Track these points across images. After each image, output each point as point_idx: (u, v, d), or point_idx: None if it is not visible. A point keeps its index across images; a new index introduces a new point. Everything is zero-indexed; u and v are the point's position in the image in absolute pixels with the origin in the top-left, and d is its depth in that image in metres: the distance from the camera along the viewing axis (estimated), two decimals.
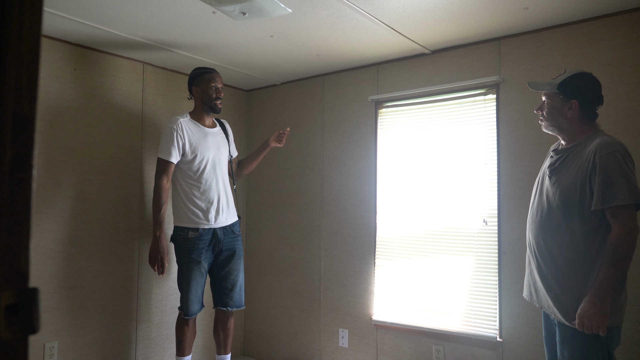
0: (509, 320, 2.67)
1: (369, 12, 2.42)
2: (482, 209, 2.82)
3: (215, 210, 2.81)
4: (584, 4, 2.35)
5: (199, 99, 2.85)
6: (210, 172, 2.81)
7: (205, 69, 2.86)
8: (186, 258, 2.78)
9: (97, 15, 2.46)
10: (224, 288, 2.91)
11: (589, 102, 1.89)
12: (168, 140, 2.72)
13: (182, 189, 2.80)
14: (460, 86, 2.90)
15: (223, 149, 2.93)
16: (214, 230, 2.82)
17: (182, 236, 2.78)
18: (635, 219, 1.71)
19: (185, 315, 2.80)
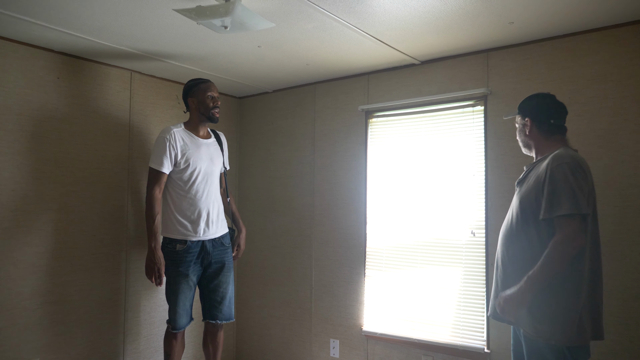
0: (496, 332, 2.67)
1: (355, 24, 2.41)
2: (470, 220, 2.82)
3: (205, 222, 2.76)
4: (569, 19, 2.35)
5: (195, 110, 2.81)
6: (202, 183, 2.77)
7: (200, 80, 2.83)
8: (174, 271, 2.73)
9: (79, 25, 2.43)
10: (213, 301, 2.87)
11: (541, 117, 2.01)
12: (160, 150, 2.69)
13: (172, 199, 2.76)
14: (449, 97, 2.90)
15: (216, 161, 2.88)
16: (203, 243, 2.78)
17: (169, 249, 2.74)
18: (577, 228, 1.76)
19: (173, 329, 2.76)
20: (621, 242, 2.35)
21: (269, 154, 3.81)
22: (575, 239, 1.75)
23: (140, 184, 3.22)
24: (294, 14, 2.27)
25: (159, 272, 2.67)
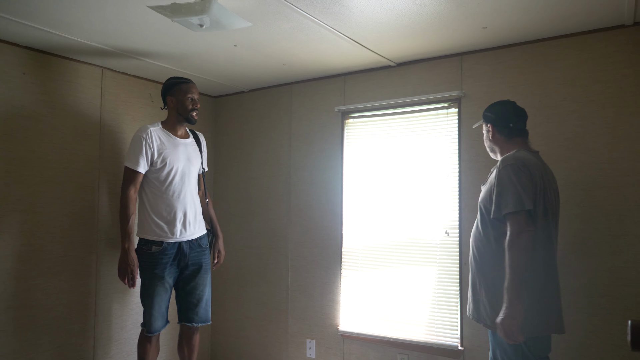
0: (470, 330, 2.73)
1: (332, 26, 2.42)
2: (444, 220, 2.87)
3: (182, 223, 2.71)
4: (539, 25, 2.43)
5: (173, 109, 2.76)
6: (179, 183, 2.72)
7: (181, 79, 2.78)
8: (149, 273, 2.67)
9: (48, 20, 2.34)
10: (189, 303, 2.82)
11: (501, 121, 2.13)
12: (136, 149, 2.63)
13: (148, 199, 2.71)
14: (424, 99, 2.95)
15: (194, 161, 2.83)
16: (180, 244, 2.72)
17: (145, 250, 2.68)
18: (524, 223, 1.87)
19: (148, 332, 2.69)
20: (588, 241, 2.44)
21: (245, 154, 3.78)
22: (523, 232, 1.86)
23: (112, 184, 3.14)
24: (271, 13, 2.26)
25: (132, 273, 2.62)
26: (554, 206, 2.03)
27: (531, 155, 2.05)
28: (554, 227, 2.02)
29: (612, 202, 2.39)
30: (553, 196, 2.03)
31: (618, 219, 2.37)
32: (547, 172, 2.05)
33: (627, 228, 2.35)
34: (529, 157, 2.01)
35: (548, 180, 2.01)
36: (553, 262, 1.98)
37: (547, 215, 1.96)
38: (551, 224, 1.99)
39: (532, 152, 2.09)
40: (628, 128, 2.38)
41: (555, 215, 2.04)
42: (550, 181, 2.04)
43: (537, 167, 1.98)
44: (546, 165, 2.11)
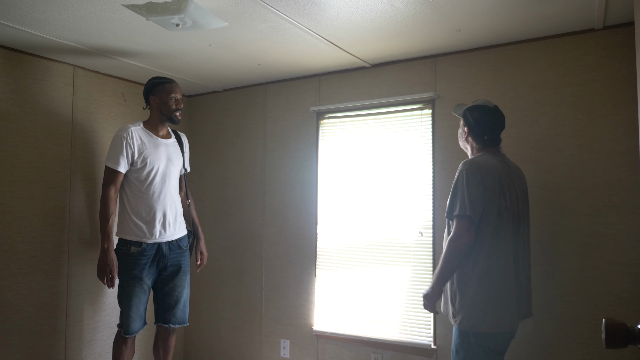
0: (443, 328, 2.77)
1: (308, 26, 2.42)
2: (418, 220, 2.90)
3: (161, 224, 2.69)
4: (512, 29, 2.47)
5: (156, 109, 2.73)
6: (159, 184, 2.69)
7: (164, 79, 2.76)
8: (127, 274, 2.64)
9: (18, 17, 2.29)
10: (166, 304, 2.79)
11: (477, 130, 2.15)
12: (117, 148, 2.61)
13: (128, 199, 2.68)
14: (399, 100, 2.97)
15: (175, 161, 2.80)
16: (159, 245, 2.69)
17: (123, 251, 2.64)
18: (465, 228, 1.95)
19: (125, 334, 2.65)
20: (558, 240, 2.49)
21: (219, 153, 3.76)
22: (462, 237, 1.94)
23: (84, 183, 3.10)
24: (247, 13, 2.25)
25: (111, 273, 2.58)
26: (517, 207, 2.06)
27: (494, 158, 2.08)
28: (514, 229, 2.04)
29: (582, 203, 2.45)
30: (516, 198, 2.06)
31: (588, 219, 2.43)
32: (511, 175, 2.08)
33: (597, 228, 2.41)
34: (489, 161, 2.04)
35: (511, 182, 2.06)
36: (507, 263, 1.99)
37: (502, 217, 1.98)
38: (509, 226, 2.01)
39: (497, 155, 2.12)
40: (597, 130, 2.44)
41: (518, 216, 2.07)
42: (515, 183, 2.08)
43: (495, 171, 2.01)
44: (513, 168, 2.14)
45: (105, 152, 3.24)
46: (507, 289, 1.99)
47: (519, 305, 2.04)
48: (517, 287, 2.03)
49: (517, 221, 2.06)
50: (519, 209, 2.08)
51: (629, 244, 2.34)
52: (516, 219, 2.06)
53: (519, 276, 2.04)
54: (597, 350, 2.37)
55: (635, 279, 2.31)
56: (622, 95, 2.39)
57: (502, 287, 1.98)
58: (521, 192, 2.12)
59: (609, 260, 2.38)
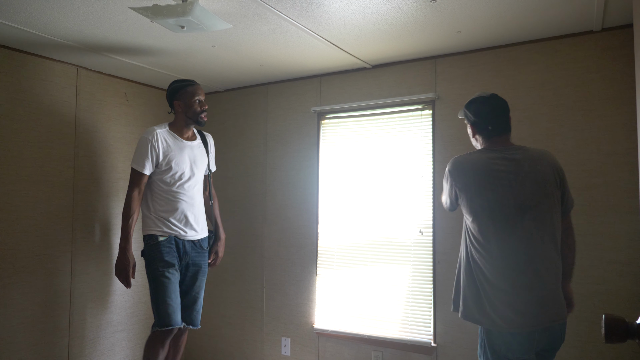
0: (443, 326, 2.80)
1: (310, 28, 2.45)
2: (418, 220, 2.93)
3: (184, 224, 2.69)
4: (511, 30, 2.50)
5: (181, 113, 2.73)
6: (183, 186, 2.69)
7: (186, 82, 2.75)
8: (159, 262, 2.60)
9: (24, 18, 2.32)
10: (182, 304, 2.73)
11: (481, 124, 2.04)
12: (142, 151, 2.62)
13: (153, 199, 2.68)
14: (399, 101, 3.00)
15: (200, 163, 2.79)
16: (183, 242, 2.70)
17: (151, 244, 2.63)
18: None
19: (167, 326, 2.54)
20: None
21: (221, 153, 3.77)
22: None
23: (88, 182, 3.12)
24: (251, 15, 2.28)
25: (128, 273, 2.57)
26: (520, 201, 1.88)
27: (488, 153, 1.97)
28: (517, 224, 1.87)
29: (580, 203, 2.46)
30: (520, 192, 1.89)
31: (586, 218, 2.46)
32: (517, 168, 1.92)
33: (595, 227, 2.45)
34: (474, 159, 1.97)
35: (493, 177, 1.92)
36: (508, 259, 1.86)
37: (491, 212, 1.88)
38: (506, 221, 1.87)
39: (499, 149, 1.98)
40: (596, 130, 2.47)
41: (524, 210, 1.88)
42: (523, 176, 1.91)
43: (476, 168, 1.94)
44: (527, 159, 1.95)
45: (108, 151, 3.27)
46: (509, 288, 1.84)
47: (529, 305, 1.82)
48: (526, 285, 1.84)
49: (521, 215, 1.87)
50: (525, 202, 1.88)
51: (627, 243, 2.37)
52: (520, 213, 1.87)
53: (529, 274, 1.84)
54: (595, 348, 2.40)
55: (633, 278, 2.35)
56: (620, 96, 2.42)
57: (505, 285, 1.84)
58: (538, 183, 1.91)
59: (607, 259, 2.41)
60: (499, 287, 1.86)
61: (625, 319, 1.00)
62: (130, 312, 3.39)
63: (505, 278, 1.85)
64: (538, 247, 1.86)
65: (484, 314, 1.89)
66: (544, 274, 1.85)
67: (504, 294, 1.85)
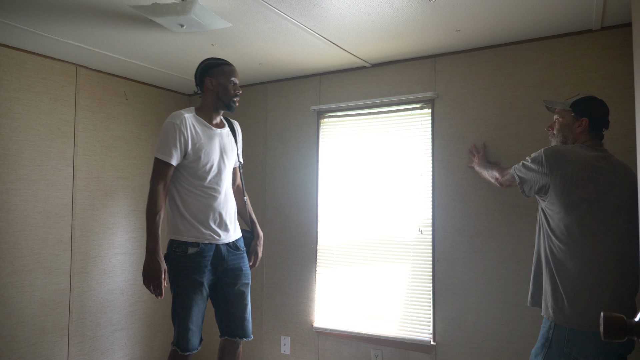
0: (442, 325, 2.80)
1: (310, 27, 2.45)
2: (418, 218, 2.94)
3: (218, 224, 2.32)
4: (510, 29, 2.50)
5: (212, 93, 2.35)
6: (214, 179, 2.33)
7: (223, 60, 2.39)
8: (186, 279, 2.25)
9: (23, 18, 2.32)
10: (232, 314, 2.40)
11: (598, 121, 2.01)
12: (169, 138, 2.21)
13: (180, 196, 2.30)
14: (398, 100, 3.00)
15: (230, 154, 2.43)
16: (217, 247, 2.32)
17: (179, 253, 2.25)
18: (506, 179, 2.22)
19: (184, 351, 2.24)
20: None
21: None
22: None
23: (87, 181, 3.12)
24: (250, 14, 2.28)
25: (159, 280, 2.17)
26: (610, 201, 1.89)
27: (589, 150, 1.95)
28: (610, 221, 1.87)
29: None
30: (610, 191, 1.90)
31: None
32: (612, 169, 1.94)
33: None
34: (577, 150, 1.95)
35: (596, 172, 1.90)
36: (593, 255, 1.85)
37: (590, 208, 1.86)
38: (583, 213, 1.87)
39: (593, 149, 1.98)
40: None
41: (611, 212, 1.89)
42: (615, 179, 1.93)
43: (582, 159, 1.91)
44: (616, 164, 1.98)
45: (108, 150, 3.27)
46: (587, 282, 1.83)
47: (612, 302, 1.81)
48: (611, 284, 1.83)
49: (617, 214, 1.87)
50: (620, 202, 1.88)
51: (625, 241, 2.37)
52: (617, 211, 1.87)
53: (616, 274, 1.84)
54: None
55: None
56: (619, 95, 2.43)
57: (583, 277, 1.83)
58: (630, 189, 1.91)
59: None
60: (584, 284, 1.83)
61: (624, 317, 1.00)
62: (130, 310, 3.39)
63: (593, 275, 1.83)
64: (627, 249, 1.86)
65: (561, 311, 1.85)
66: (630, 276, 1.87)
67: (588, 291, 1.82)
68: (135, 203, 3.45)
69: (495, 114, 2.72)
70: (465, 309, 2.74)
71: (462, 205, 2.78)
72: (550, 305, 1.89)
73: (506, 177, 2.21)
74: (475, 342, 2.71)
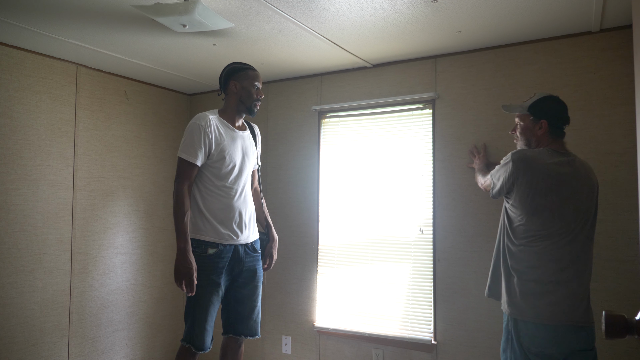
0: (443, 324, 2.82)
1: (312, 27, 2.46)
2: (419, 218, 2.95)
3: (237, 225, 2.36)
4: (511, 30, 2.52)
5: (235, 96, 2.41)
6: (235, 180, 2.37)
7: (247, 65, 2.46)
8: (204, 280, 2.27)
9: (23, 16, 2.31)
10: (239, 314, 2.44)
11: (557, 121, 2.04)
12: (194, 138, 2.27)
13: (202, 196, 2.34)
14: (400, 100, 3.02)
15: (251, 156, 2.49)
16: (236, 248, 2.36)
17: (198, 253, 2.28)
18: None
19: (198, 350, 2.29)
20: None
21: None
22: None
23: (88, 181, 3.11)
24: (253, 14, 2.29)
25: (192, 277, 2.21)
26: (572, 208, 1.95)
27: (554, 156, 1.99)
28: (572, 230, 1.94)
29: None
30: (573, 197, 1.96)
31: None
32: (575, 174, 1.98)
33: None
34: (543, 157, 1.97)
35: (559, 180, 1.95)
36: (549, 255, 1.93)
37: (551, 215, 1.94)
38: (543, 220, 1.94)
39: (561, 152, 2.02)
40: (594, 130, 2.50)
41: (573, 216, 1.96)
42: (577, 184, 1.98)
43: (546, 167, 1.95)
44: (579, 167, 2.02)
45: (108, 150, 3.26)
46: (539, 278, 1.93)
47: (562, 300, 1.91)
48: (564, 281, 1.92)
49: (581, 222, 1.95)
50: (581, 208, 1.96)
51: (624, 242, 2.40)
52: (579, 219, 1.95)
53: (569, 272, 1.93)
54: None
55: (631, 275, 2.38)
56: (618, 96, 2.45)
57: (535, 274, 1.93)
58: (586, 192, 1.99)
59: (605, 257, 2.44)
60: (537, 281, 1.92)
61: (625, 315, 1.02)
62: (131, 311, 3.38)
63: (547, 274, 1.92)
64: (583, 249, 1.97)
65: (515, 305, 1.95)
66: (585, 274, 1.97)
67: (541, 287, 1.91)
68: (136, 203, 3.45)
69: (495, 115, 2.74)
70: (466, 308, 2.76)
71: (463, 205, 2.80)
72: (506, 300, 2.01)
73: (487, 184, 2.22)
74: (476, 341, 2.73)
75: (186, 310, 2.34)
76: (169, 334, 3.65)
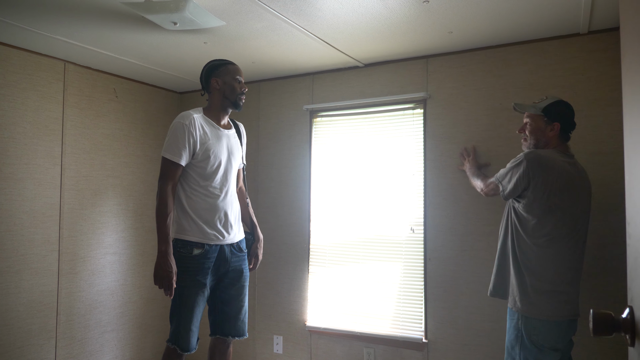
0: (434, 323, 2.84)
1: (304, 26, 2.45)
2: (410, 217, 2.97)
3: (223, 225, 2.33)
4: (502, 31, 2.55)
5: (219, 93, 2.36)
6: (221, 180, 2.34)
7: (226, 61, 2.42)
8: (189, 280, 2.25)
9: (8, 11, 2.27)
10: (226, 314, 2.42)
11: (568, 125, 2.17)
12: (178, 138, 2.23)
13: (187, 196, 2.31)
14: (391, 100, 3.03)
15: (237, 155, 2.45)
16: (221, 248, 2.34)
17: (183, 253, 2.25)
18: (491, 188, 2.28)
19: (184, 351, 2.27)
20: None
21: None
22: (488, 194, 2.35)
23: (76, 180, 3.07)
24: (244, 13, 2.27)
25: (171, 280, 2.18)
26: (576, 209, 2.07)
27: (563, 157, 2.09)
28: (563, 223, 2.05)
29: None
30: (577, 199, 2.07)
31: None
32: (579, 175, 2.10)
33: None
34: (555, 157, 2.07)
35: (570, 179, 2.05)
36: (561, 255, 2.04)
37: (563, 214, 2.03)
38: (556, 219, 2.03)
39: (568, 153, 2.14)
40: (582, 130, 2.52)
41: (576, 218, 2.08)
42: (579, 185, 2.09)
43: (560, 167, 2.04)
44: (580, 169, 2.15)
45: (97, 148, 3.22)
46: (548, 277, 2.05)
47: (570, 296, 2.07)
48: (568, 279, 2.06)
49: (583, 220, 2.09)
50: (584, 207, 2.09)
51: (611, 240, 2.44)
52: (583, 218, 2.08)
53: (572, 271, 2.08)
54: (582, 342, 2.46)
55: (618, 274, 2.41)
56: (605, 97, 2.49)
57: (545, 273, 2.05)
58: (586, 194, 2.13)
59: (592, 255, 2.47)
60: (550, 280, 2.03)
61: (612, 313, 1.03)
62: (120, 312, 3.35)
63: (559, 273, 2.04)
64: (584, 250, 2.13)
65: (529, 304, 2.05)
66: (582, 273, 2.12)
67: (554, 286, 2.03)
68: (125, 202, 3.41)
69: (486, 115, 2.76)
70: (457, 306, 2.78)
71: (454, 204, 2.82)
72: (519, 299, 2.08)
73: (490, 187, 2.28)
74: (467, 339, 2.75)
75: (171, 311, 2.31)
76: (159, 334, 3.62)
